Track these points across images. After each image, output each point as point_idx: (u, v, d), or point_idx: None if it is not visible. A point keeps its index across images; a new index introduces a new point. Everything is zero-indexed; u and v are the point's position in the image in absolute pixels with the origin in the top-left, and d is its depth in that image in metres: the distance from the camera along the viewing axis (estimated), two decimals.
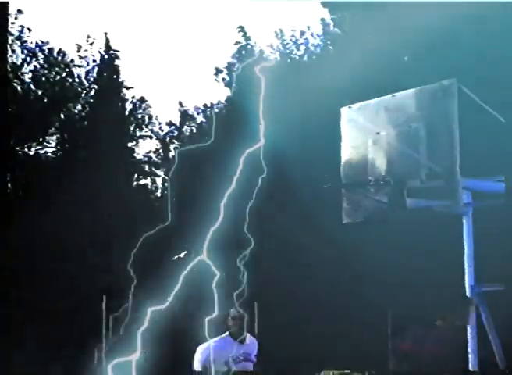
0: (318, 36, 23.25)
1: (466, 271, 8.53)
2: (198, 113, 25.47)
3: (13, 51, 23.79)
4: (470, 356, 8.38)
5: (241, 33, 23.93)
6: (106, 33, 24.49)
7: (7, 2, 19.37)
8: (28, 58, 24.11)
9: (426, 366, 7.11)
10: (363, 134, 8.43)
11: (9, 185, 22.40)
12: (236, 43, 23.82)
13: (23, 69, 24.08)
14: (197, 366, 8.60)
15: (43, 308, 19.25)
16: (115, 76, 24.47)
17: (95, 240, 20.26)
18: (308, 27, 23.86)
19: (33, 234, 19.78)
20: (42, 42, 24.30)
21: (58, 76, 24.38)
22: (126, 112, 25.03)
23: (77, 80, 24.53)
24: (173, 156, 24.66)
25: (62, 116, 24.16)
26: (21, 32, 23.91)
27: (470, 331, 8.36)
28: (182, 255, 20.08)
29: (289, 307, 17.87)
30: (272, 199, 18.53)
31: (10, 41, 23.45)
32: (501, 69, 14.26)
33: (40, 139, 23.72)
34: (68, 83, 24.43)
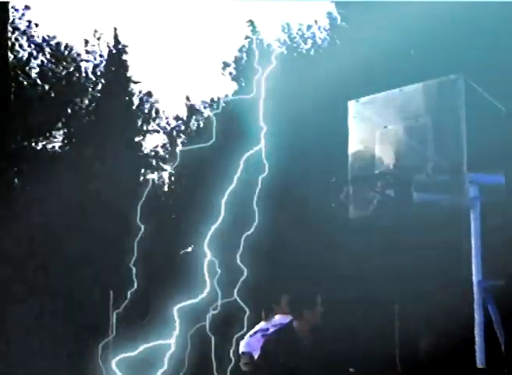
0: (325, 30, 23.24)
1: (473, 265, 8.49)
2: (205, 107, 25.47)
3: (20, 46, 23.82)
4: (477, 353, 8.34)
5: (250, 28, 23.94)
6: (116, 29, 24.53)
7: (7, 2, 19.37)
8: (35, 53, 24.12)
9: None
10: (370, 128, 8.42)
11: (16, 180, 22.45)
12: (246, 38, 23.82)
13: (30, 64, 24.09)
14: None
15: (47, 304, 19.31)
16: (122, 71, 24.47)
17: (99, 236, 20.28)
18: (315, 21, 23.85)
19: (38, 228, 19.80)
20: (49, 37, 24.31)
21: (65, 71, 24.38)
22: (134, 107, 25.03)
23: (84, 74, 24.54)
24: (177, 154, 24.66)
25: (69, 110, 24.16)
26: (28, 27, 23.92)
27: (476, 328, 8.32)
28: (189, 249, 20.05)
29: None
30: (273, 197, 18.54)
31: (17, 36, 23.52)
32: (509, 62, 14.23)
33: (48, 134, 23.73)
34: (75, 78, 24.43)
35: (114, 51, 24.42)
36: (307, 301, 6.93)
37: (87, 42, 24.54)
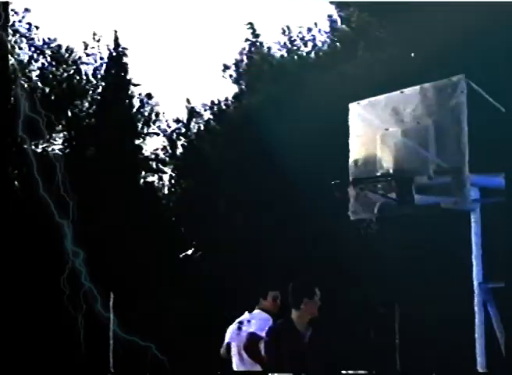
0: (326, 33, 23.25)
1: (474, 268, 8.48)
2: (205, 110, 25.46)
3: (20, 48, 23.83)
4: (478, 356, 8.32)
5: (250, 31, 23.94)
6: (116, 31, 24.51)
7: (7, 2, 19.38)
8: (35, 56, 24.12)
9: None
10: (371, 130, 8.40)
11: (16, 183, 22.44)
12: (246, 40, 23.82)
13: (31, 67, 24.09)
14: None
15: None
16: (122, 74, 24.47)
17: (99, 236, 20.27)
18: (315, 24, 23.84)
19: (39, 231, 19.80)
20: (50, 39, 24.32)
21: (66, 74, 24.37)
22: (134, 109, 25.01)
23: (85, 77, 24.54)
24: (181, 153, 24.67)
25: (70, 113, 24.15)
26: (29, 29, 23.92)
27: (477, 330, 8.31)
28: (189, 252, 20.04)
29: None
30: (274, 198, 18.54)
31: (17, 39, 23.54)
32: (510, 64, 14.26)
33: (48, 136, 23.70)
34: (75, 81, 24.43)
35: (114, 54, 24.42)
36: (307, 290, 6.99)
37: (86, 45, 24.56)
